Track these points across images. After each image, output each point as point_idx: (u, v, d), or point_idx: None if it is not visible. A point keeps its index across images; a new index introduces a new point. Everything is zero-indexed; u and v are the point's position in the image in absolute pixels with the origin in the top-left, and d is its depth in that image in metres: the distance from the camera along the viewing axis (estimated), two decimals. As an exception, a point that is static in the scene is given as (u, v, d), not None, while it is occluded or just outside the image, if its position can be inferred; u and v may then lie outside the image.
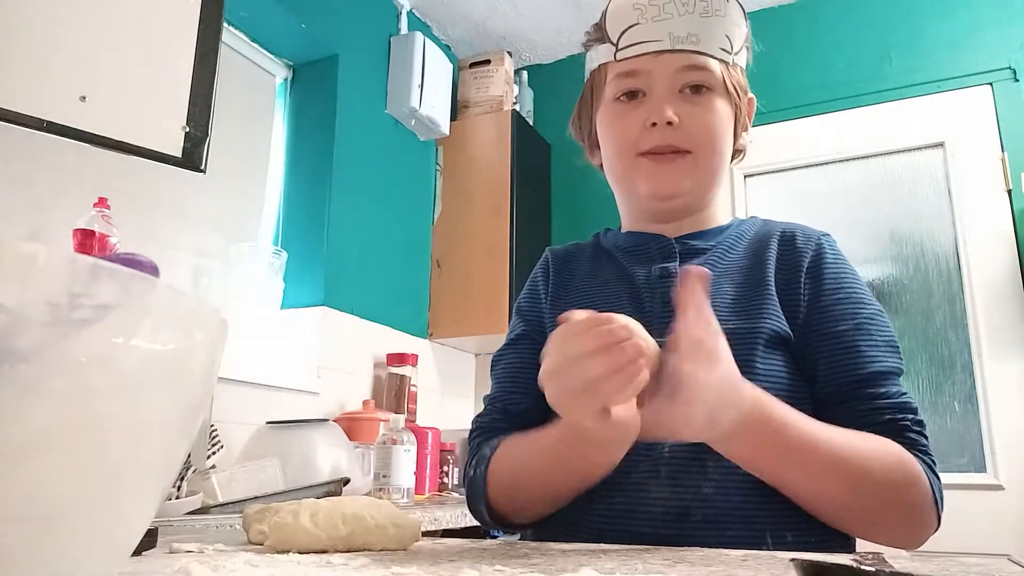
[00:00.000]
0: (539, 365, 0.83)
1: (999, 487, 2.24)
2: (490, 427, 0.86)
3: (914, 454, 0.71)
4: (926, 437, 0.74)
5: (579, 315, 0.61)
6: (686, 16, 0.82)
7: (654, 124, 0.82)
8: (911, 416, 0.74)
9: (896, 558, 0.51)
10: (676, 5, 0.82)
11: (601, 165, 0.94)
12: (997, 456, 2.26)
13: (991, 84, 2.50)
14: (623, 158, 0.86)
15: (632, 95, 0.85)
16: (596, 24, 0.89)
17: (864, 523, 0.71)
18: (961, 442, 2.33)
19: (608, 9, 0.86)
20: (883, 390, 0.75)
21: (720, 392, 0.60)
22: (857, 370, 0.75)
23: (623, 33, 0.84)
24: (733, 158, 0.91)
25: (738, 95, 0.86)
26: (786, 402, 0.69)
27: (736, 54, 0.85)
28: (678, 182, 0.84)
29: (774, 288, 0.80)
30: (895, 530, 0.71)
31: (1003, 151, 2.44)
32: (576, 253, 0.96)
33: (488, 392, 0.92)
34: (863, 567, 0.39)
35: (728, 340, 0.63)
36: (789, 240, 0.85)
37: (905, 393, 0.76)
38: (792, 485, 0.70)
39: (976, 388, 2.34)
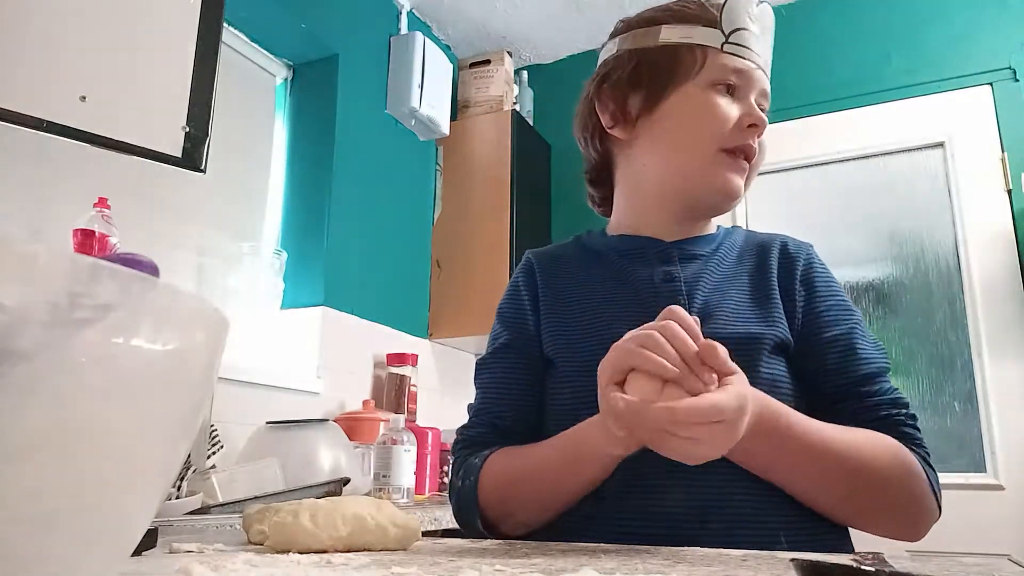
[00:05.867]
0: (525, 377, 0.88)
1: (999, 487, 2.24)
2: (477, 440, 0.86)
3: (911, 447, 0.75)
4: (919, 430, 0.78)
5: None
6: (767, 47, 0.86)
7: (752, 125, 0.83)
8: (905, 411, 0.78)
9: (896, 558, 0.51)
10: (765, 34, 0.86)
11: (619, 138, 0.89)
12: (997, 456, 2.26)
13: (991, 84, 2.50)
14: (704, 148, 0.84)
15: (732, 88, 0.84)
16: (701, 2, 0.86)
17: (867, 517, 0.75)
18: (961, 442, 2.33)
19: (728, 2, 0.84)
20: (877, 387, 0.79)
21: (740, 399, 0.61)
22: (854, 371, 0.79)
23: (736, 31, 0.84)
24: None
25: None
26: (786, 404, 0.72)
27: None
28: (741, 188, 0.86)
29: (779, 295, 0.83)
30: (895, 522, 0.74)
31: (1003, 151, 2.44)
32: (560, 254, 0.94)
33: (472, 401, 0.91)
34: (863, 567, 0.39)
35: (736, 345, 0.66)
36: (784, 249, 0.88)
37: (896, 390, 0.80)
38: (798, 484, 0.73)
39: (976, 388, 2.34)
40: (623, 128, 0.89)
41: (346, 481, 1.55)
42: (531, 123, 3.04)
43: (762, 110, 0.85)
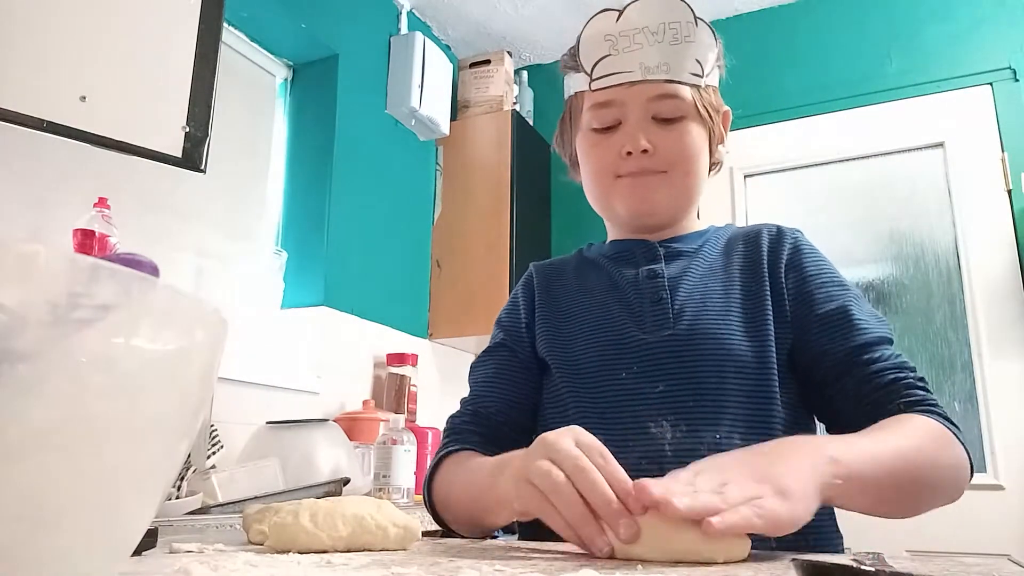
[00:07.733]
0: (514, 372, 0.91)
1: (999, 487, 2.24)
2: (459, 429, 0.90)
3: (930, 410, 0.73)
4: (932, 392, 0.76)
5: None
6: (656, 46, 0.84)
7: (629, 153, 0.85)
8: (912, 374, 0.77)
9: (896, 558, 0.51)
10: (646, 35, 0.84)
11: (575, 178, 0.98)
12: (997, 456, 2.26)
13: (991, 84, 2.49)
14: (601, 181, 0.90)
15: (607, 127, 0.87)
16: (571, 51, 0.91)
17: (925, 506, 0.72)
18: (961, 442, 2.33)
19: (581, 38, 0.88)
20: (879, 354, 0.78)
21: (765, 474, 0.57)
22: (851, 341, 0.79)
23: (596, 64, 0.86)
24: (709, 171, 0.93)
25: (710, 116, 0.88)
26: (772, 380, 0.75)
27: (707, 75, 0.87)
28: (653, 198, 0.87)
29: (767, 281, 0.84)
30: (947, 498, 0.73)
31: (1003, 151, 2.44)
32: (561, 267, 0.99)
33: (465, 395, 0.96)
34: (863, 567, 0.40)
35: (714, 337, 0.73)
36: (771, 235, 0.89)
37: (900, 355, 0.79)
38: (876, 505, 0.69)
39: (976, 388, 2.34)
40: (575, 172, 0.99)
41: (346, 481, 1.55)
42: (531, 123, 3.04)
43: (664, 115, 0.84)
